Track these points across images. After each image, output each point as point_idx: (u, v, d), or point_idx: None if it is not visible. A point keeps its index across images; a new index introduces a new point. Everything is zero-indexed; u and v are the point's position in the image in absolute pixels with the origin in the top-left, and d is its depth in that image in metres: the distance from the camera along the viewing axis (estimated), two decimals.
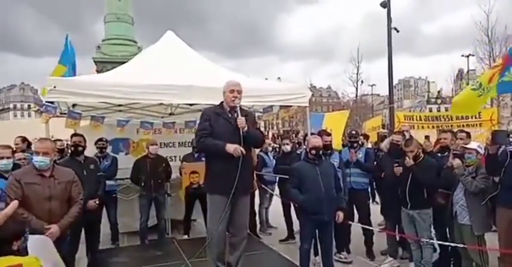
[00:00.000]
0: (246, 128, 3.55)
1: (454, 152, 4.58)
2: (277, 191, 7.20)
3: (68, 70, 6.44)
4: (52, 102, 4.36)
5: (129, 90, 4.60)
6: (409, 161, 4.62)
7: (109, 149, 6.49)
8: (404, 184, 4.75)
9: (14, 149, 5.24)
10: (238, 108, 3.65)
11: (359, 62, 38.54)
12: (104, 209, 5.81)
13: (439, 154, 5.37)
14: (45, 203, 3.31)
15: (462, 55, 35.54)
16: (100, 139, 6.05)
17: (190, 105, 5.93)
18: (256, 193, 7.02)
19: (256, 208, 7.15)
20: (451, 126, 9.15)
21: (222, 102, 3.80)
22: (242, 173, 3.50)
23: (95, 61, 17.64)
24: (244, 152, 3.49)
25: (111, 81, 4.80)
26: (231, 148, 3.45)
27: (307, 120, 6.60)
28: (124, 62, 6.54)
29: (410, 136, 5.76)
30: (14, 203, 0.89)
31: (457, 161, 4.37)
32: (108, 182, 5.80)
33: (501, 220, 4.22)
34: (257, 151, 7.48)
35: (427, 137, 6.30)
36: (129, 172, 6.22)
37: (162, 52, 5.95)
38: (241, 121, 3.55)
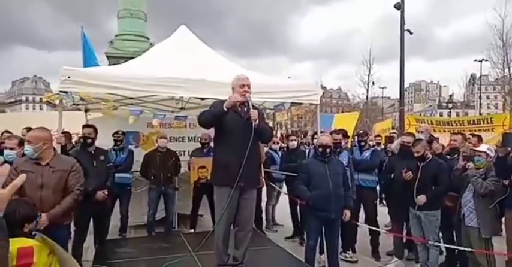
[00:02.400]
0: (257, 121, 3.57)
1: (464, 154, 4.55)
2: (285, 189, 7.22)
3: (86, 60, 6.56)
4: (66, 92, 4.41)
5: (141, 82, 4.63)
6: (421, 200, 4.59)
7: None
8: (412, 184, 4.74)
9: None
10: (250, 102, 3.66)
11: (371, 63, 38.33)
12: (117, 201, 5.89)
13: (449, 156, 5.34)
14: (37, 191, 3.30)
15: (475, 60, 35.25)
16: (116, 132, 6.11)
17: (202, 99, 5.95)
18: (264, 190, 7.04)
19: (263, 205, 7.17)
20: (463, 130, 9.10)
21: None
22: (248, 165, 3.51)
23: (107, 56, 17.82)
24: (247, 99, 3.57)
25: (124, 73, 4.83)
26: (230, 100, 3.53)
27: (317, 118, 6.59)
28: (135, 58, 6.59)
29: (431, 136, 5.72)
30: (22, 176, 0.90)
31: (472, 165, 4.35)
32: (123, 174, 5.88)
33: (510, 223, 4.20)
34: (266, 148, 7.51)
35: (436, 139, 6.24)
36: (138, 165, 6.28)
37: (176, 46, 5.98)
38: (254, 113, 3.57)
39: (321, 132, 5.71)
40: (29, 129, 6.13)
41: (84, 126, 5.17)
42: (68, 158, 3.83)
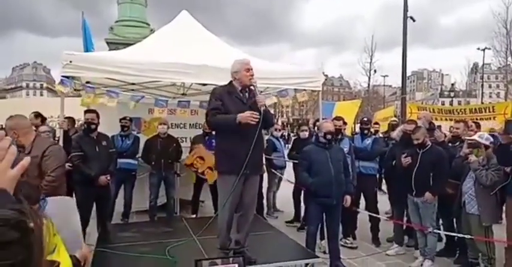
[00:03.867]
0: (264, 106, 3.56)
1: (469, 142, 4.55)
2: (287, 175, 7.25)
3: (87, 47, 6.52)
4: (67, 77, 4.39)
5: (142, 68, 4.61)
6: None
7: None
8: (410, 171, 4.76)
9: None
10: (256, 87, 3.64)
11: (373, 51, 38.04)
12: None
13: (451, 144, 5.34)
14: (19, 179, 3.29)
15: (478, 49, 34.96)
16: (124, 118, 6.12)
17: (203, 85, 5.93)
18: (265, 176, 7.07)
19: (264, 192, 7.21)
20: (465, 119, 9.10)
21: (231, 82, 3.74)
22: (253, 152, 3.50)
23: (107, 42, 17.65)
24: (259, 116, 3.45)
25: (125, 58, 4.81)
26: (243, 116, 3.42)
27: (318, 105, 6.58)
28: (135, 44, 6.55)
29: (431, 123, 5.72)
30: (27, 159, 0.90)
31: (474, 158, 4.35)
32: (128, 160, 5.92)
33: (510, 210, 4.22)
34: (267, 136, 7.52)
35: (438, 127, 6.24)
36: (140, 151, 6.30)
37: (177, 32, 5.93)
38: (262, 98, 3.56)
39: (323, 119, 5.71)
40: (37, 114, 6.16)
41: (86, 111, 5.16)
42: (44, 142, 3.65)
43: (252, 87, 3.67)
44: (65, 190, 3.89)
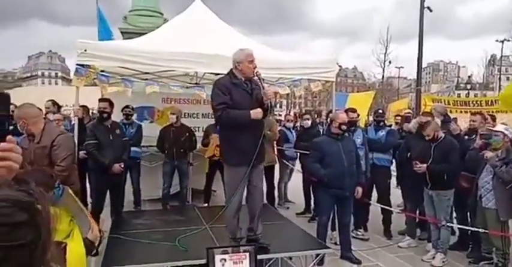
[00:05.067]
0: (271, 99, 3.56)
1: (482, 133, 4.47)
2: (298, 166, 7.23)
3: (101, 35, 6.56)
4: (83, 65, 4.43)
5: (156, 57, 4.62)
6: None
7: (134, 117, 6.63)
8: (425, 164, 4.70)
9: (45, 112, 5.41)
10: (261, 79, 3.61)
11: (388, 42, 37.46)
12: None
13: (467, 137, 5.25)
14: (27, 168, 3.34)
15: (496, 41, 34.19)
16: (127, 106, 6.17)
17: (216, 74, 5.92)
18: (277, 167, 7.07)
19: (275, 182, 7.21)
20: (481, 111, 8.92)
21: (232, 71, 3.65)
22: (261, 143, 3.53)
23: (121, 32, 17.74)
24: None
25: (139, 47, 4.83)
26: (256, 113, 3.47)
27: (332, 96, 6.52)
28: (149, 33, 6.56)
29: (447, 115, 5.62)
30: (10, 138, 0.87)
31: (490, 154, 4.26)
32: (132, 148, 5.97)
33: None
34: (279, 127, 7.50)
35: (454, 119, 6.13)
36: (152, 140, 6.38)
37: (190, 21, 5.92)
38: (269, 91, 3.54)
39: (336, 110, 5.67)
40: (54, 102, 6.26)
41: (100, 100, 5.21)
42: (53, 131, 3.65)
43: (256, 78, 3.62)
44: (76, 178, 3.94)
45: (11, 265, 0.56)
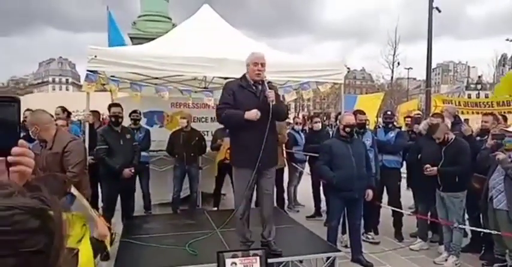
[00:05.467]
0: (274, 102, 3.56)
1: (494, 133, 4.43)
2: (307, 169, 7.22)
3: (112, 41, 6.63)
4: (93, 71, 4.49)
5: (165, 62, 4.67)
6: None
7: (143, 122, 6.70)
8: (436, 166, 4.67)
9: (55, 118, 5.48)
10: (265, 82, 3.63)
11: (396, 43, 37.17)
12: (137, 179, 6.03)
13: (479, 138, 5.19)
14: (40, 174, 3.36)
15: (507, 40, 33.81)
16: (134, 111, 6.22)
17: (225, 78, 5.95)
18: (286, 170, 7.06)
19: (285, 186, 7.21)
20: (492, 112, 8.81)
21: (244, 75, 3.74)
22: (267, 145, 3.51)
23: (130, 38, 17.92)
24: (259, 114, 3.51)
25: (148, 52, 4.89)
26: (251, 114, 3.48)
27: (341, 98, 6.51)
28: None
29: (458, 116, 5.57)
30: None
31: (502, 156, 4.21)
32: (142, 153, 6.00)
33: None
34: (288, 130, 7.50)
35: (466, 120, 6.07)
36: (162, 144, 6.43)
37: (198, 26, 5.97)
38: (271, 94, 3.55)
39: (345, 112, 5.65)
40: (63, 108, 6.33)
41: (113, 105, 5.26)
42: (65, 137, 3.69)
43: (263, 81, 3.65)
44: (87, 183, 3.98)
45: None
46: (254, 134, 3.52)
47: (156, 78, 6.09)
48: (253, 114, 3.48)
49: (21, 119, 1.21)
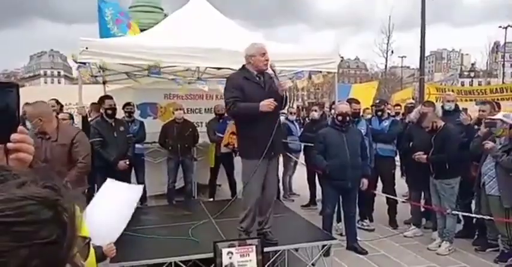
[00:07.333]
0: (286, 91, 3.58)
1: (487, 121, 4.47)
2: (302, 159, 7.24)
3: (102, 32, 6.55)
4: (84, 63, 4.44)
5: (157, 52, 4.61)
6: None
7: (137, 114, 6.66)
8: (427, 153, 4.71)
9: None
10: (274, 71, 3.62)
11: (390, 31, 37.06)
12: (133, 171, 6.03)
13: (476, 126, 5.22)
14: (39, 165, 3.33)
15: (500, 27, 33.85)
16: (128, 104, 6.18)
17: (218, 69, 5.92)
18: (280, 160, 7.07)
19: (280, 175, 7.23)
20: (485, 100, 8.87)
21: (244, 66, 3.69)
22: (277, 134, 3.54)
23: None
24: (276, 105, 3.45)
25: (140, 43, 4.83)
26: (265, 106, 3.41)
27: (334, 87, 6.52)
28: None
29: (457, 105, 5.60)
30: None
31: (491, 144, 4.25)
32: (136, 145, 5.99)
33: None
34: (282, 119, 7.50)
35: (464, 110, 6.09)
36: (156, 136, 6.38)
37: (190, 16, 5.90)
38: (284, 83, 3.58)
39: (338, 101, 5.66)
40: (57, 101, 6.26)
41: (105, 97, 5.22)
42: (71, 129, 3.72)
43: (270, 71, 3.65)
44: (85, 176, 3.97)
45: (37, 263, 0.56)
46: (265, 125, 3.51)
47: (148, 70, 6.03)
48: (268, 105, 3.41)
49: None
